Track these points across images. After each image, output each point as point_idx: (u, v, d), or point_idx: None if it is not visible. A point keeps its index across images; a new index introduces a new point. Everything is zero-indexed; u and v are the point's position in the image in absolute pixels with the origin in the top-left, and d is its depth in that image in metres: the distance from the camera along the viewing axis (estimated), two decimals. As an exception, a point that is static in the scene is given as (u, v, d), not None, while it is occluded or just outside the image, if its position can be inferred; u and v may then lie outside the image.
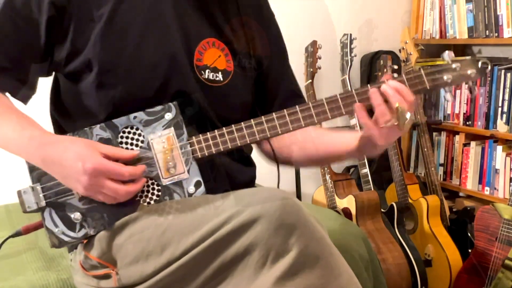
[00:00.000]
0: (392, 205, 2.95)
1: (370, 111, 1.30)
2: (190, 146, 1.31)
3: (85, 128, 1.30)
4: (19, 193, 1.30)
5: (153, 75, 1.34)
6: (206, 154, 1.32)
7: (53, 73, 1.44)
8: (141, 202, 1.30)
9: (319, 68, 3.07)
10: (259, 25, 1.52)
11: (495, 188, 3.08)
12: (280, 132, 1.32)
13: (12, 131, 1.29)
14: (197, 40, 1.41)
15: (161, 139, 1.31)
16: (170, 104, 1.32)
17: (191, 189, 1.30)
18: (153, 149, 1.30)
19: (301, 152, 1.54)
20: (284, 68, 1.62)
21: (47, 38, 1.34)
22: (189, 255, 1.17)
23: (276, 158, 1.51)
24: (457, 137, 3.29)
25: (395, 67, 3.03)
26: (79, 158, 1.20)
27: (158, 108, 1.32)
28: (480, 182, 3.17)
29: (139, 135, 1.31)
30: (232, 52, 1.47)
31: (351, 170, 3.39)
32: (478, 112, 3.16)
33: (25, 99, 1.41)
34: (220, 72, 1.43)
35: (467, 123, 3.23)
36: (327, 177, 3.01)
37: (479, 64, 1.29)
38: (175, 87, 1.35)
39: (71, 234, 1.29)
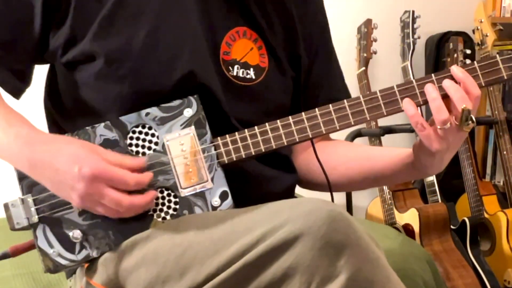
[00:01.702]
0: (464, 221, 2.95)
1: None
2: (215, 149, 1.30)
3: (87, 127, 1.30)
4: (6, 206, 1.29)
5: (168, 69, 1.34)
6: (234, 159, 1.31)
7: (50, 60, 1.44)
8: (155, 217, 1.29)
9: (375, 52, 3.08)
10: (302, 11, 1.51)
11: None
12: (324, 131, 1.31)
13: None
14: (225, 29, 1.41)
15: (179, 140, 1.30)
16: (190, 97, 1.32)
17: (216, 201, 1.29)
18: (170, 153, 1.30)
19: (336, 173, 1.53)
20: (330, 64, 1.61)
21: (43, 20, 1.34)
22: (214, 281, 1.16)
23: (321, 163, 1.49)
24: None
25: (468, 51, 2.99)
26: (75, 161, 1.18)
27: (176, 102, 1.31)
28: None
29: (153, 135, 1.30)
30: (267, 45, 1.46)
31: (414, 178, 3.37)
32: None
33: (17, 93, 1.41)
34: (251, 69, 1.43)
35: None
36: (385, 187, 2.98)
37: None
38: (194, 84, 1.34)
39: (70, 256, 1.28)
